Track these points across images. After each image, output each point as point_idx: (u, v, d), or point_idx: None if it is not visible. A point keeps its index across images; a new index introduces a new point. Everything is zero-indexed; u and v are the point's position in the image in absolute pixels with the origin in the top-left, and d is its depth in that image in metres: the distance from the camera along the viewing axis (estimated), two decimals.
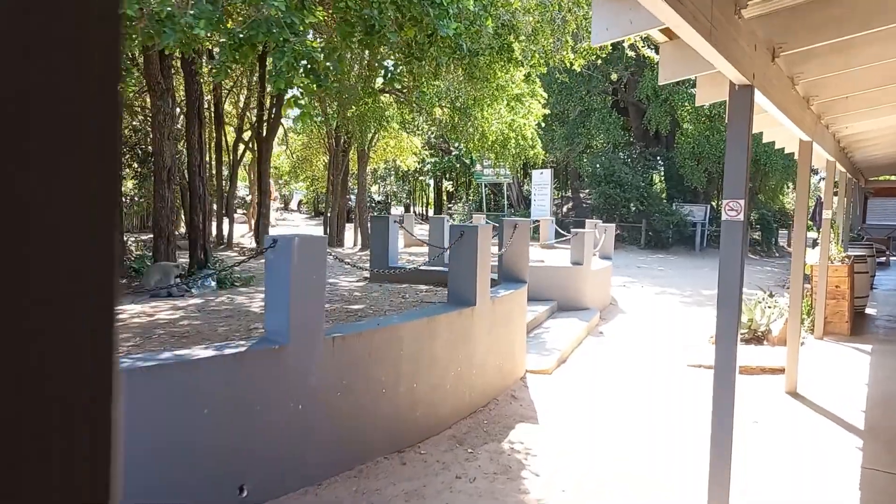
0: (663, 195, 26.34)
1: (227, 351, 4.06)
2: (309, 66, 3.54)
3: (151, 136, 9.21)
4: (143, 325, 5.68)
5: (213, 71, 3.97)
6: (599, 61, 23.46)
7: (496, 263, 7.32)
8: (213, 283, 8.23)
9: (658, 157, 26.77)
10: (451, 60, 5.09)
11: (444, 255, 11.22)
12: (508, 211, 29.84)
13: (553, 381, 7.15)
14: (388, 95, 13.91)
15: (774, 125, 6.02)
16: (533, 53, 6.29)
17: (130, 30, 3.35)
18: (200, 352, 4.00)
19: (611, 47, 7.24)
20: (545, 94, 13.92)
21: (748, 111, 3.83)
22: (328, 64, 3.63)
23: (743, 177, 3.80)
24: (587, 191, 28.35)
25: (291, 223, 37.99)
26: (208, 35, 3.86)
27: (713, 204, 24.99)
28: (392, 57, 5.14)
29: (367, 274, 9.94)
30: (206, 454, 3.77)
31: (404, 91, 15.03)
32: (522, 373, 7.26)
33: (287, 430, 4.20)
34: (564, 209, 30.23)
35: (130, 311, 6.33)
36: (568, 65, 7.16)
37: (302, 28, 3.38)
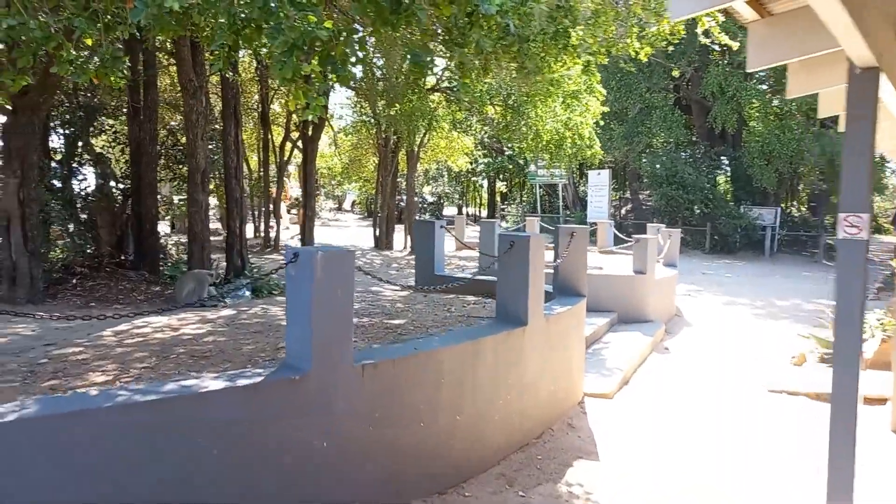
0: (728, 197, 24.96)
1: (241, 382, 3.50)
2: (320, 50, 2.97)
3: (185, 136, 8.92)
4: (163, 342, 5.23)
5: (212, 58, 3.47)
6: (659, 59, 22.37)
7: (550, 272, 6.62)
8: (248, 293, 7.81)
9: (723, 157, 25.40)
10: (497, 46, 4.43)
11: (495, 263, 10.56)
12: (563, 213, 28.90)
13: (615, 407, 6.41)
14: (437, 94, 13.36)
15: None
16: (594, 39, 5.57)
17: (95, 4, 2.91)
18: (210, 382, 3.45)
19: (681, 34, 6.47)
20: (604, 90, 13.09)
21: (871, 100, 3.04)
22: (346, 49, 3.04)
23: (865, 185, 3.02)
24: (647, 192, 27.17)
25: (343, 224, 37.92)
26: (197, 15, 3.36)
27: (784, 207, 23.51)
28: (426, 40, 4.53)
29: (412, 281, 9.37)
30: (215, 501, 3.23)
31: (453, 88, 14.44)
32: (580, 397, 6.54)
33: (309, 471, 3.64)
34: (622, 211, 29.10)
35: (155, 325, 5.91)
36: (633, 54, 6.41)
37: (310, 3, 2.81)
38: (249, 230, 16.93)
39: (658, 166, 24.49)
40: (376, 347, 4.97)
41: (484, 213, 42.47)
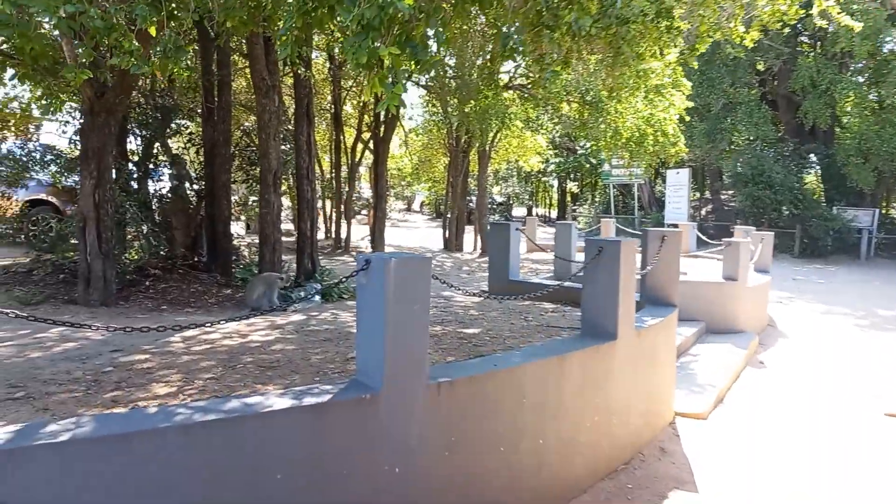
0: (816, 197, 23.41)
1: (307, 400, 3.19)
2: (398, 31, 2.62)
3: (257, 136, 8.81)
4: (231, 350, 5.03)
5: (280, 44, 3.20)
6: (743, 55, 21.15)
7: (636, 279, 6.08)
8: (318, 298, 7.60)
9: (813, 155, 23.84)
10: (592, 28, 3.98)
11: (571, 267, 10.04)
12: (639, 214, 27.87)
13: (710, 430, 5.82)
14: (511, 92, 12.92)
15: None
16: (702, 21, 5.02)
17: None
18: (275, 400, 3.16)
19: (798, 14, 5.82)
20: (688, 83, 12.32)
21: None
22: (428, 31, 2.68)
23: None
24: (730, 192, 25.84)
25: (412, 225, 37.93)
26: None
27: (883, 208, 21.84)
28: (511, 23, 4.11)
29: (485, 286, 8.98)
30: None
31: (528, 84, 13.95)
32: (671, 417, 6.00)
33: (379, 499, 3.31)
34: (703, 212, 27.81)
35: (224, 331, 5.74)
36: (738, 40, 5.81)
37: None
38: (321, 232, 16.97)
39: (737, 166, 23.22)
40: (452, 363, 4.60)
41: (553, 213, 41.63)
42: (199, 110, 9.84)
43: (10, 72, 12.11)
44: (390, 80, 2.79)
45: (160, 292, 7.57)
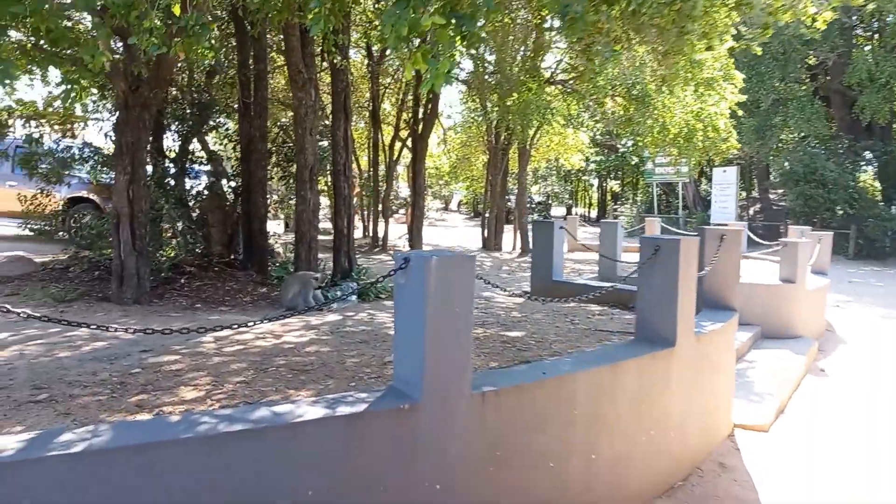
0: (872, 196, 22.36)
1: (341, 410, 2.92)
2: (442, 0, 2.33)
3: (294, 131, 8.61)
4: (264, 352, 4.82)
5: (310, 18, 2.95)
6: (796, 45, 20.30)
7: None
8: (354, 297, 7.37)
9: (870, 153, 22.79)
10: (654, 5, 3.62)
11: (616, 267, 9.63)
12: (682, 213, 27.09)
13: (773, 443, 5.40)
14: (553, 87, 12.53)
15: None
16: None
17: None
18: (307, 409, 2.90)
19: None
20: (741, 74, 11.77)
21: None
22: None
23: None
24: (780, 191, 24.91)
25: (450, 224, 37.66)
26: None
27: None
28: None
29: (527, 286, 8.64)
30: None
31: (570, 79, 13.56)
32: (730, 429, 5.58)
33: None
34: (750, 212, 26.90)
35: (257, 331, 5.54)
36: (810, 21, 5.38)
37: None
38: (358, 230, 16.81)
39: (785, 163, 22.32)
40: (496, 370, 4.29)
41: (593, 213, 40.90)
42: (235, 106, 9.72)
43: (53, 72, 12.31)
44: (435, 56, 2.51)
45: (195, 290, 7.43)
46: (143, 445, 2.42)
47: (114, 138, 6.77)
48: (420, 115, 13.80)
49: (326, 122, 9.96)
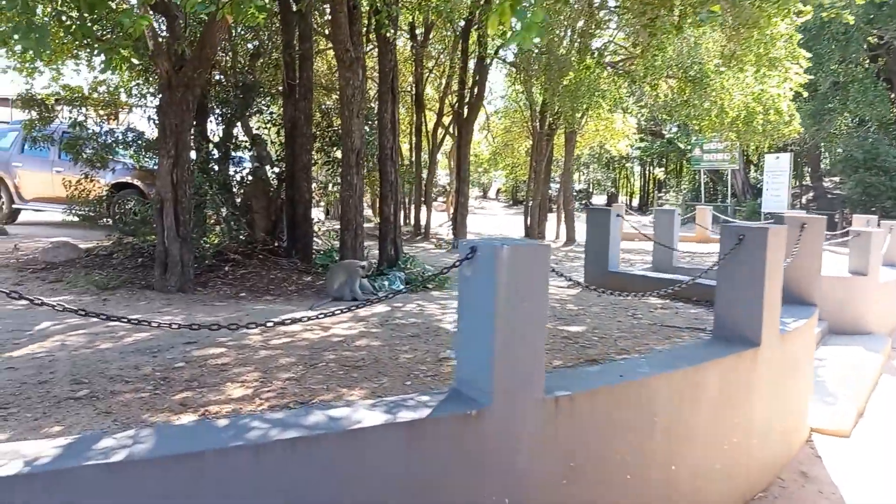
0: None
1: (402, 416, 2.63)
2: None
3: (339, 113, 8.32)
4: (312, 345, 4.56)
5: None
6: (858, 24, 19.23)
7: None
8: (402, 287, 7.08)
9: None
10: None
11: (673, 257, 9.17)
12: (731, 201, 26.19)
13: (856, 449, 4.96)
14: (604, 70, 12.01)
15: None
16: None
17: None
18: (364, 413, 2.61)
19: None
20: (807, 54, 11.09)
21: None
22: None
23: None
24: (836, 178, 23.84)
25: (489, 212, 37.22)
26: None
27: None
28: None
29: (577, 277, 8.23)
30: None
31: (621, 62, 13.01)
32: (807, 433, 5.15)
33: None
34: (803, 200, 25.87)
35: (304, 323, 5.28)
36: None
37: None
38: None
39: (844, 149, 21.26)
40: (563, 370, 3.96)
41: (634, 202, 39.94)
42: (279, 88, 9.49)
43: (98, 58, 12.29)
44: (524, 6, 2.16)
45: (239, 278, 7.25)
46: (187, 456, 2.16)
47: (157, 121, 6.58)
48: (466, 99, 13.42)
49: (371, 106, 9.64)
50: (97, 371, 3.73)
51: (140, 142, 8.50)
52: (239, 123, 9.10)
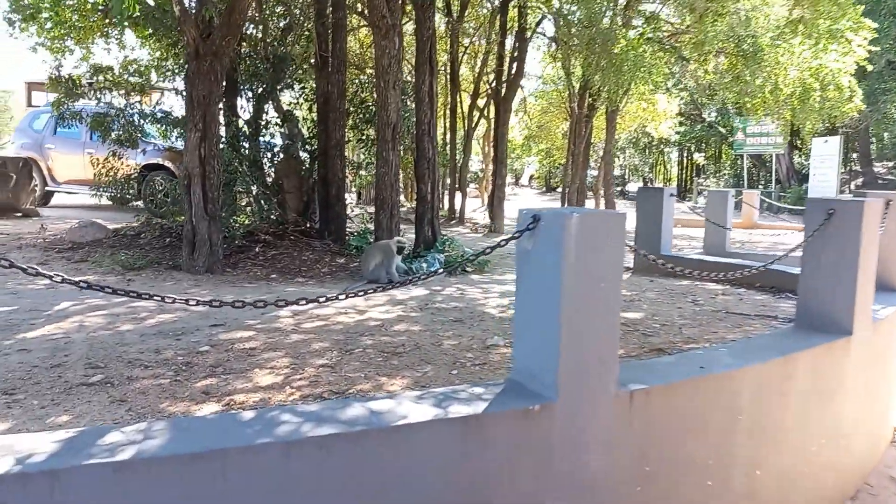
0: None
1: (454, 411, 2.24)
2: None
3: (374, 86, 7.90)
4: (347, 329, 4.20)
5: None
6: None
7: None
8: (441, 270, 6.69)
9: None
10: None
11: (726, 241, 8.65)
12: (776, 187, 25.22)
13: None
14: (651, 43, 11.39)
15: None
16: None
17: None
18: (410, 407, 2.23)
19: None
20: (872, 24, 10.34)
21: None
22: None
23: None
24: (890, 163, 22.76)
25: (523, 198, 36.60)
26: None
27: None
28: None
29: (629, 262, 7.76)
30: None
31: (669, 37, 12.37)
32: (891, 435, 4.64)
33: None
34: (852, 186, 24.79)
35: (338, 306, 4.93)
36: None
37: None
38: None
39: (887, 133, 20.20)
40: (637, 362, 3.53)
41: (671, 187, 38.83)
42: (311, 62, 9.12)
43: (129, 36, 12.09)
44: None
45: (270, 260, 6.94)
46: (205, 454, 1.80)
47: (184, 93, 6.27)
48: (504, 77, 12.90)
49: (407, 80, 9.19)
50: (115, 355, 3.42)
51: (168, 119, 8.19)
52: (270, 99, 8.74)
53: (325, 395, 2.97)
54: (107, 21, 10.37)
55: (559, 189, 39.98)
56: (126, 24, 10.07)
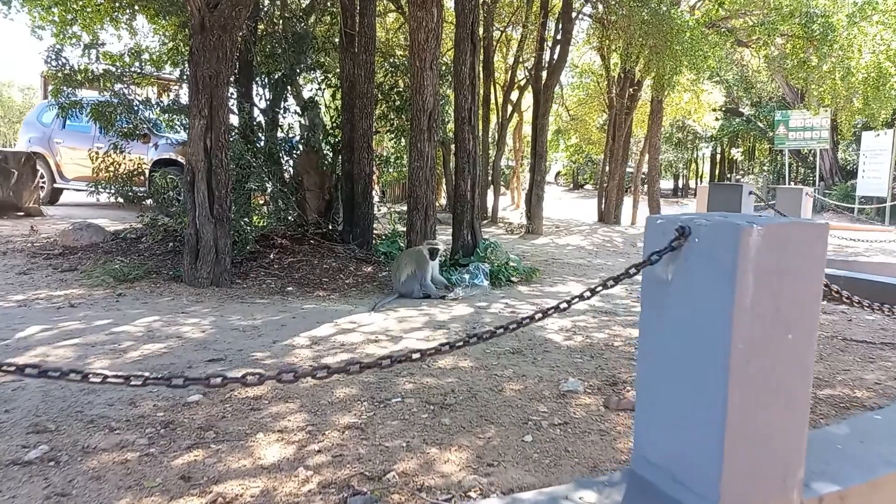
0: None
1: None
2: None
3: (409, 66, 6.95)
4: (379, 367, 3.29)
5: None
6: None
7: None
8: (486, 282, 5.76)
9: None
10: None
11: None
12: (820, 184, 23.88)
13: None
14: (705, 26, 10.34)
15: None
16: None
17: None
18: None
19: None
20: None
21: None
22: None
23: None
24: None
25: (552, 195, 35.39)
26: None
27: None
28: None
29: None
30: None
31: (725, 17, 11.32)
32: None
33: None
34: None
35: (366, 330, 4.03)
36: None
37: None
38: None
39: None
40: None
41: (703, 184, 37.39)
42: (335, 42, 8.21)
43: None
44: None
45: (286, 268, 6.05)
46: None
47: (188, 74, 5.42)
48: (545, 63, 11.87)
49: (445, 62, 8.19)
50: (74, 409, 2.56)
51: (174, 107, 7.31)
52: (289, 85, 7.86)
53: (355, 482, 2.07)
54: (115, 4, 9.63)
55: (587, 186, 38.71)
56: (136, 6, 9.32)
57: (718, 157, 37.32)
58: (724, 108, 29.54)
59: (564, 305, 1.90)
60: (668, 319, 1.71)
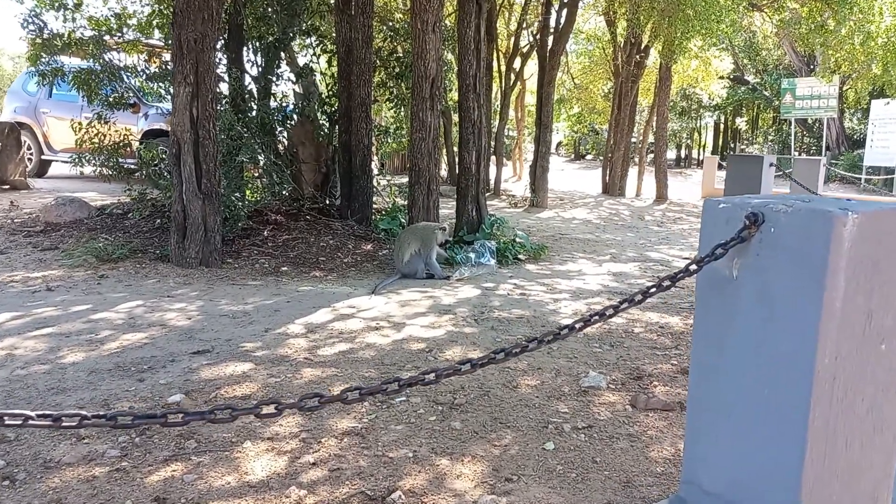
0: None
1: None
2: None
3: (409, 28, 6.54)
4: (381, 356, 3.02)
5: None
6: None
7: None
8: (492, 260, 5.46)
9: None
10: None
11: None
12: (826, 154, 23.49)
13: None
14: None
15: None
16: None
17: None
18: None
19: None
20: None
21: None
22: None
23: None
24: None
25: (554, 166, 34.91)
26: None
27: None
28: None
29: (694, 242, 6.45)
30: None
31: None
32: None
33: None
34: None
35: (366, 315, 3.75)
36: None
37: None
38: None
39: None
40: None
41: (705, 154, 36.92)
42: (329, 4, 7.78)
43: None
44: None
45: (281, 246, 5.73)
46: None
47: (171, 37, 5.02)
48: (552, 27, 11.37)
49: (447, 24, 7.73)
50: (41, 408, 2.28)
51: (161, 73, 6.91)
52: (279, 50, 7.42)
53: (354, 502, 1.80)
54: None
55: (588, 157, 38.19)
56: None
57: (722, 126, 36.86)
58: (730, 76, 28.98)
59: (611, 311, 1.61)
60: (732, 326, 1.42)
